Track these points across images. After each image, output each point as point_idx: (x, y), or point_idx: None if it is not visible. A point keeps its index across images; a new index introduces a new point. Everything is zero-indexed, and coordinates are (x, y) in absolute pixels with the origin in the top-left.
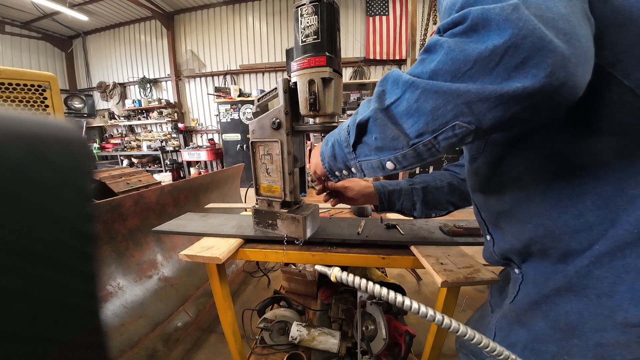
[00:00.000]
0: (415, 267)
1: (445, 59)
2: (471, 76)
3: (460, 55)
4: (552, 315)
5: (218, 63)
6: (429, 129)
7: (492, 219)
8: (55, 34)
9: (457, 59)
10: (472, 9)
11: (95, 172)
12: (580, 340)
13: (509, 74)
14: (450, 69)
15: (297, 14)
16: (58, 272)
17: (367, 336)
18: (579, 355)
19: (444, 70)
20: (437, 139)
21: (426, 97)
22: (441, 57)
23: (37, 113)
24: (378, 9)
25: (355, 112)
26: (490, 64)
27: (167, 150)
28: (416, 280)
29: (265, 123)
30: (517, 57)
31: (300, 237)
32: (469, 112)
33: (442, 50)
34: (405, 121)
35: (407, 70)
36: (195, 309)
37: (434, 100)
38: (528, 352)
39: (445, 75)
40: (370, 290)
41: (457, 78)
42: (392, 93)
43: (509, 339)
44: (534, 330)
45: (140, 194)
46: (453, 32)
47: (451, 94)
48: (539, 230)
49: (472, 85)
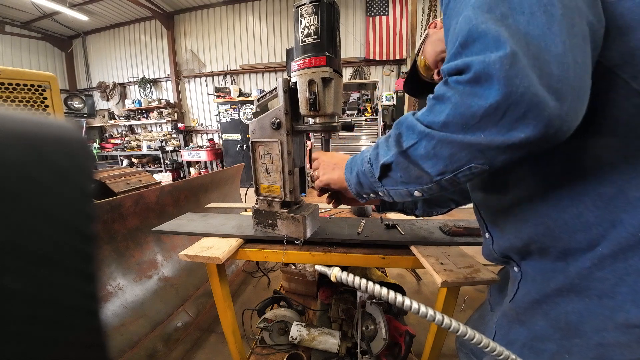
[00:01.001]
0: (415, 267)
1: (454, 113)
2: (479, 127)
3: (467, 111)
4: (553, 314)
5: (218, 63)
6: (448, 169)
7: (492, 217)
8: (55, 34)
9: (465, 115)
10: (474, 61)
11: (95, 172)
12: (581, 339)
13: (512, 125)
14: (459, 122)
15: (297, 14)
16: (58, 272)
17: (367, 336)
18: (579, 354)
19: (454, 123)
20: (457, 176)
21: (442, 146)
22: (449, 111)
23: (37, 113)
24: (378, 9)
25: (375, 146)
26: (495, 118)
27: (167, 150)
28: (416, 280)
29: (265, 123)
30: (518, 112)
31: (300, 237)
32: (481, 156)
33: (449, 103)
34: (424, 163)
35: (417, 114)
36: (195, 309)
37: (450, 148)
38: (527, 350)
39: (455, 127)
40: (370, 290)
41: (467, 129)
42: (409, 138)
43: (509, 337)
44: (533, 329)
45: (140, 194)
46: (457, 80)
47: (464, 144)
48: (539, 229)
49: (482, 136)
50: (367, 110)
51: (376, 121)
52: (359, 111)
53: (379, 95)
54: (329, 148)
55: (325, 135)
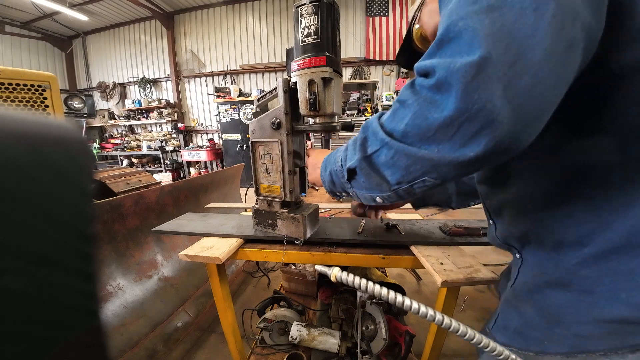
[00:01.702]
0: (415, 267)
1: (412, 123)
2: (434, 140)
3: (424, 122)
4: (541, 305)
5: (218, 63)
6: (404, 180)
7: (495, 208)
8: (55, 34)
9: (422, 126)
10: (439, 66)
11: (95, 172)
12: (561, 330)
13: (464, 142)
14: (417, 133)
15: (297, 14)
16: (58, 272)
17: (367, 336)
18: (557, 342)
19: (412, 134)
20: (412, 187)
21: (400, 156)
22: (409, 120)
23: (37, 113)
24: (378, 10)
25: (345, 147)
26: (449, 132)
27: (167, 150)
28: (416, 280)
29: (265, 123)
30: (472, 128)
31: (300, 237)
32: (434, 171)
33: (410, 110)
34: (385, 170)
35: (382, 118)
36: (195, 309)
37: (406, 160)
38: (517, 335)
39: (413, 137)
40: (370, 290)
41: (423, 142)
42: (373, 144)
43: (505, 321)
44: (524, 316)
45: (140, 194)
46: (421, 84)
47: (419, 158)
48: (535, 222)
49: (435, 150)
50: (367, 110)
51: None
52: (359, 111)
53: (379, 95)
54: (328, 148)
55: (325, 135)
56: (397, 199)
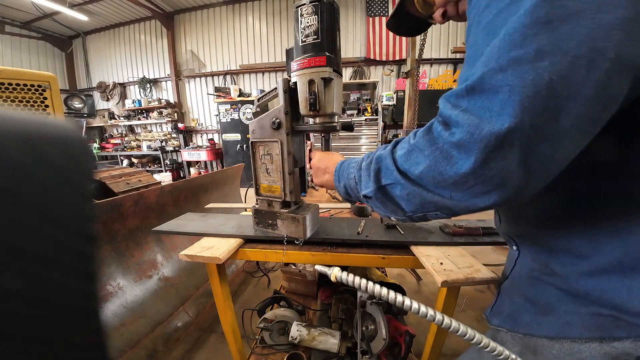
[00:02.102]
0: (415, 267)
1: (427, 172)
2: (448, 188)
3: (439, 176)
4: (533, 295)
5: (218, 63)
6: (418, 212)
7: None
8: (55, 34)
9: (437, 178)
10: (464, 125)
11: (95, 172)
12: (554, 317)
13: (476, 196)
14: (431, 182)
15: (297, 14)
16: (58, 272)
17: (367, 336)
18: (547, 327)
19: (427, 181)
20: (426, 216)
21: (414, 196)
22: (424, 169)
23: (37, 113)
24: (378, 10)
25: (358, 165)
26: (463, 187)
27: (167, 150)
28: (416, 280)
29: (265, 123)
30: (484, 189)
31: (300, 237)
32: (446, 209)
33: (425, 161)
34: (400, 201)
35: (396, 154)
36: (195, 309)
37: (420, 199)
38: (509, 318)
39: (428, 183)
40: (370, 290)
41: (438, 188)
42: (387, 177)
43: (500, 307)
44: (516, 303)
45: (140, 194)
46: (440, 135)
47: (433, 200)
48: (535, 230)
49: (449, 196)
50: (367, 110)
51: (376, 121)
52: (359, 111)
53: (379, 95)
54: (329, 148)
55: (325, 135)
56: (412, 221)
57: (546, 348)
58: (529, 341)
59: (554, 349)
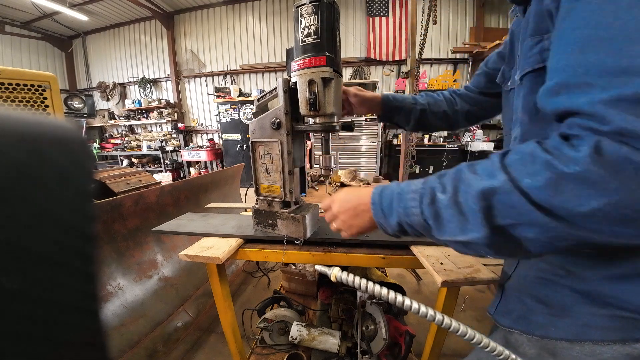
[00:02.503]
0: (415, 267)
1: (607, 210)
2: None
3: (635, 215)
4: (545, 296)
5: (218, 63)
6: (547, 251)
7: None
8: (55, 34)
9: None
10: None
11: (95, 172)
12: (571, 320)
13: None
14: (610, 221)
15: (297, 14)
16: (58, 272)
17: (367, 336)
18: (564, 329)
19: (600, 220)
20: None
21: (562, 238)
22: (601, 206)
23: (37, 113)
24: (378, 10)
25: (429, 198)
26: None
27: (167, 150)
28: (416, 280)
29: (265, 123)
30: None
31: (300, 237)
32: (594, 245)
33: (607, 196)
34: (528, 244)
35: (525, 183)
36: (195, 309)
37: (568, 240)
38: (521, 319)
39: (600, 223)
40: (370, 290)
41: (618, 225)
42: (510, 215)
43: (507, 307)
44: (527, 304)
45: (140, 194)
46: (631, 158)
47: (589, 238)
48: None
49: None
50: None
51: (376, 121)
52: None
53: None
54: (328, 148)
55: (325, 135)
56: None
57: (565, 350)
58: (547, 343)
59: (574, 351)
